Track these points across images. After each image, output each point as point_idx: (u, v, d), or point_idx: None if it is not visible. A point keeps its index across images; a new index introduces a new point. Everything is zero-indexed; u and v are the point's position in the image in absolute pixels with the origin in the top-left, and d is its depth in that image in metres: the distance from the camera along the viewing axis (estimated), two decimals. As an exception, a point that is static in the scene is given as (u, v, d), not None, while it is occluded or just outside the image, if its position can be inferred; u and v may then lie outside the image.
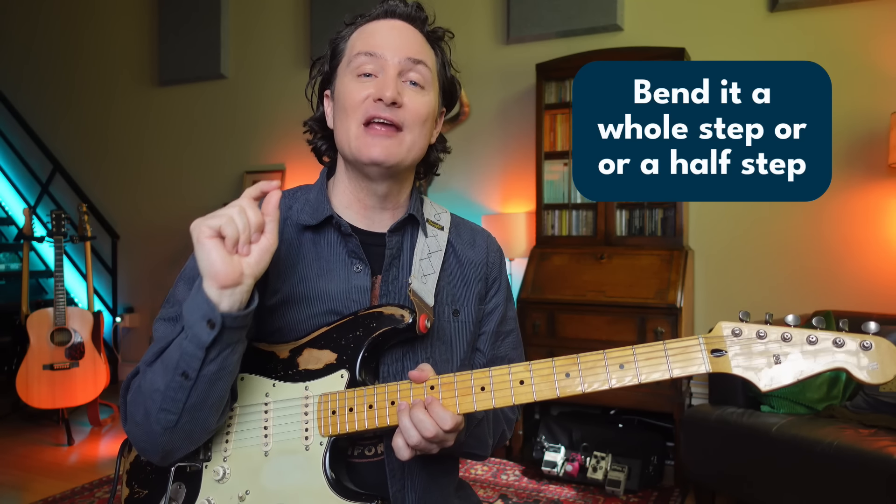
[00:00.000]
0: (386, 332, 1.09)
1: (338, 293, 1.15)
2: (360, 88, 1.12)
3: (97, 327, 4.30)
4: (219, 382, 1.00)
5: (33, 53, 6.27)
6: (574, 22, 4.05)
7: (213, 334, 0.95)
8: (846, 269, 3.48)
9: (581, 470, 3.31)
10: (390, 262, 1.19)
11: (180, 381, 0.98)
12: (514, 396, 0.99)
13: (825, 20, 3.53)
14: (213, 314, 0.94)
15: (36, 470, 3.68)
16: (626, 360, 0.94)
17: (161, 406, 1.00)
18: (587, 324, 3.45)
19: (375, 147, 1.10)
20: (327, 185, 1.25)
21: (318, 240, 1.19)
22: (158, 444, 1.04)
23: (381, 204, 1.21)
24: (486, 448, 1.23)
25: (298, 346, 1.12)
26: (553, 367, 0.97)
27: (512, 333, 1.33)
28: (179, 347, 0.98)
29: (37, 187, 6.05)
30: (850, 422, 2.66)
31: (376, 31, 1.16)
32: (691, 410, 2.97)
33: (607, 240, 3.67)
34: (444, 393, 1.01)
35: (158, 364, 1.02)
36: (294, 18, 5.11)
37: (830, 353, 0.87)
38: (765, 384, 0.88)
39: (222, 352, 0.98)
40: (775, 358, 0.88)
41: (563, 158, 3.88)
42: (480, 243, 1.33)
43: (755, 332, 0.90)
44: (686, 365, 0.92)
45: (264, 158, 5.16)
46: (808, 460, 2.48)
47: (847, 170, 3.48)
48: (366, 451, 1.14)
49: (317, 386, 1.09)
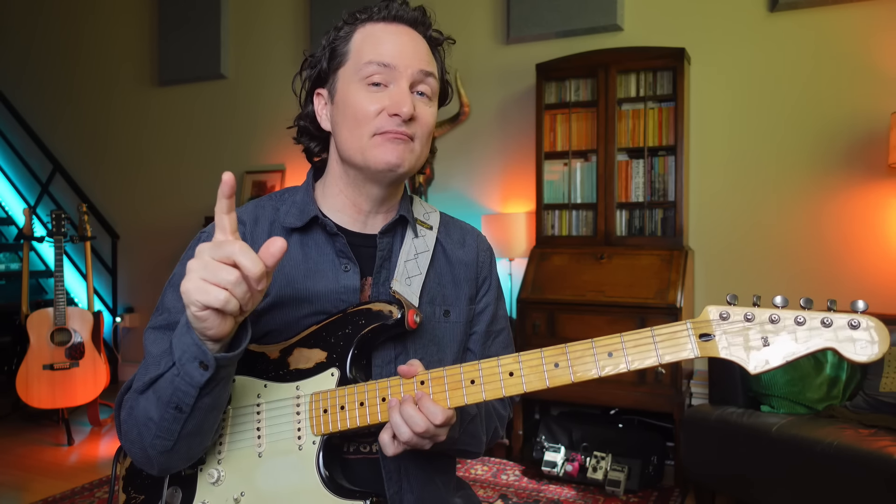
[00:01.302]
0: (375, 329, 1.09)
1: (327, 293, 1.14)
2: (372, 100, 1.10)
3: (97, 327, 4.31)
4: (213, 412, 1.00)
5: (33, 53, 6.27)
6: (574, 22, 4.05)
7: (207, 375, 0.93)
8: (846, 269, 3.48)
9: (581, 470, 3.31)
10: (381, 265, 1.19)
11: (174, 414, 0.97)
12: (504, 388, 0.98)
13: (825, 20, 3.53)
14: (205, 357, 0.92)
15: (36, 470, 3.68)
16: (615, 347, 0.94)
17: (156, 434, 1.00)
18: (587, 324, 3.45)
19: (391, 152, 1.10)
20: (314, 187, 1.24)
21: (305, 241, 1.18)
22: (155, 464, 1.04)
23: (377, 208, 1.20)
24: (479, 444, 1.23)
25: (288, 346, 1.12)
26: (542, 358, 0.97)
27: (502, 332, 1.33)
28: (172, 384, 0.96)
29: (37, 187, 6.05)
30: (850, 422, 2.66)
31: (384, 38, 1.13)
32: (691, 410, 2.97)
33: (607, 240, 3.67)
34: (435, 387, 1.01)
35: (151, 394, 1.00)
36: (294, 18, 5.11)
37: (819, 333, 0.86)
38: (754, 367, 0.88)
39: (216, 387, 0.97)
40: (763, 340, 0.88)
41: (563, 158, 3.88)
42: (470, 242, 1.32)
43: (743, 315, 0.89)
44: (675, 350, 0.91)
45: (264, 158, 5.16)
46: (808, 460, 2.48)
47: (847, 170, 3.48)
48: (361, 448, 1.14)
49: (308, 385, 1.09)
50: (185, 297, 0.87)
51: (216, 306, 0.86)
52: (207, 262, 0.87)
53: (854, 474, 2.36)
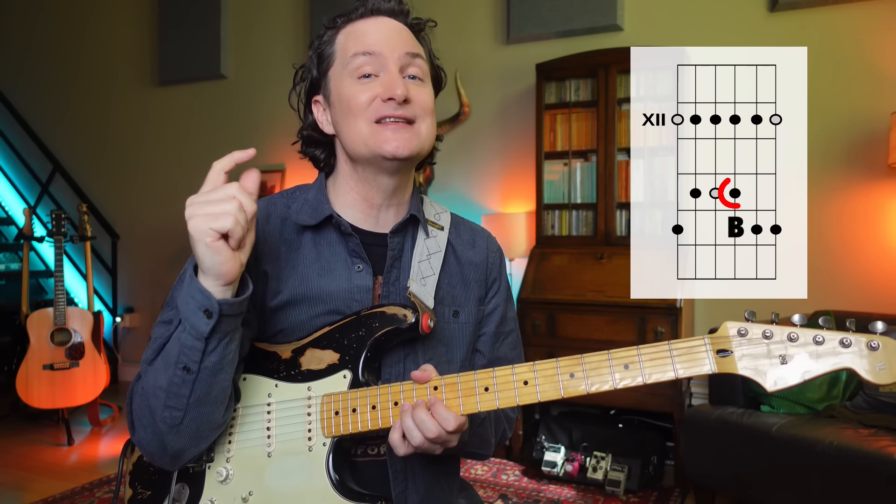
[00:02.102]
0: (388, 332, 1.09)
1: (339, 293, 1.14)
2: (363, 90, 1.11)
3: (97, 327, 4.32)
4: (220, 374, 1.00)
5: (32, 52, 6.27)
6: (574, 22, 4.05)
7: (212, 323, 0.95)
8: (846, 269, 3.48)
9: (581, 470, 3.32)
10: (392, 264, 1.18)
11: (182, 376, 0.98)
12: (519, 397, 0.98)
13: (825, 20, 3.53)
14: (209, 303, 0.94)
15: (36, 470, 3.68)
16: (632, 360, 0.93)
17: (165, 403, 1.00)
18: (587, 324, 3.45)
19: (393, 141, 1.10)
20: (326, 185, 1.24)
21: (318, 239, 1.18)
22: (167, 446, 1.03)
23: (388, 201, 1.20)
24: (488, 447, 1.23)
25: (301, 347, 1.11)
26: (557, 368, 0.97)
27: (511, 334, 1.33)
28: (178, 341, 0.98)
29: (37, 187, 6.06)
30: (851, 422, 2.67)
31: (367, 30, 1.15)
32: (691, 410, 2.97)
33: (607, 240, 3.67)
34: (448, 393, 1.01)
35: (159, 360, 1.02)
36: (294, 18, 5.12)
37: (837, 354, 0.86)
38: (771, 385, 0.88)
39: (221, 340, 0.97)
40: (781, 358, 0.88)
41: (562, 158, 3.88)
42: (480, 243, 1.32)
43: (761, 332, 0.89)
44: (691, 365, 0.91)
45: (264, 159, 5.16)
46: (808, 461, 2.48)
47: (847, 170, 3.48)
48: (369, 451, 1.14)
49: (319, 386, 1.08)
50: (196, 233, 0.92)
51: (228, 227, 0.91)
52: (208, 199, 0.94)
53: (854, 474, 2.36)
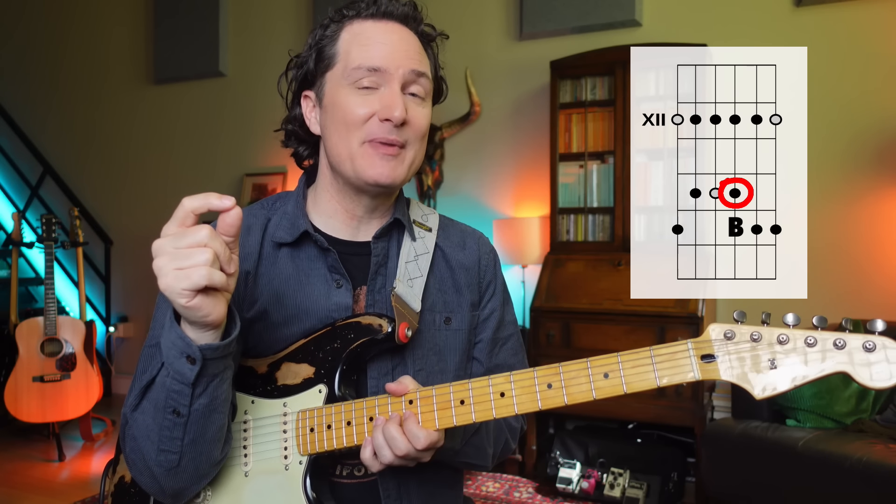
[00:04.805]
0: (364, 343, 1.09)
1: (318, 311, 1.15)
2: (361, 103, 1.11)
3: (89, 337, 4.34)
4: (213, 414, 0.99)
5: (20, 49, 6.31)
6: (590, 17, 4.09)
7: (196, 369, 0.93)
8: (874, 276, 3.49)
9: (597, 487, 3.33)
10: (376, 271, 1.19)
11: (173, 420, 0.97)
12: (495, 409, 0.98)
13: (854, 15, 3.55)
14: (190, 350, 0.92)
15: (26, 487, 3.72)
16: (611, 368, 0.93)
17: (159, 447, 0.99)
18: (604, 333, 3.48)
19: (377, 168, 1.11)
20: (305, 194, 1.25)
21: (296, 255, 1.18)
22: (166, 488, 1.04)
23: (370, 214, 1.21)
24: (485, 458, 1.21)
25: (276, 361, 1.13)
26: (535, 378, 0.97)
27: (511, 339, 1.32)
28: (164, 386, 0.97)
29: (26, 191, 6.10)
30: (881, 436, 2.68)
31: (373, 38, 1.13)
32: (713, 424, 2.99)
33: (625, 246, 3.70)
34: (423, 407, 1.01)
35: (146, 404, 1.01)
36: (296, 13, 5.16)
37: (830, 356, 0.84)
38: (759, 392, 0.86)
39: (210, 383, 0.96)
40: (770, 363, 0.86)
41: (578, 160, 3.91)
42: (471, 245, 1.30)
43: (749, 335, 0.87)
44: (675, 373, 0.89)
45: (265, 160, 5.20)
46: (836, 477, 2.50)
47: (876, 170, 3.49)
48: (355, 472, 1.15)
49: (295, 402, 1.10)
50: (170, 294, 0.87)
51: (203, 284, 0.86)
52: (177, 246, 0.87)
53: (884, 491, 2.38)
